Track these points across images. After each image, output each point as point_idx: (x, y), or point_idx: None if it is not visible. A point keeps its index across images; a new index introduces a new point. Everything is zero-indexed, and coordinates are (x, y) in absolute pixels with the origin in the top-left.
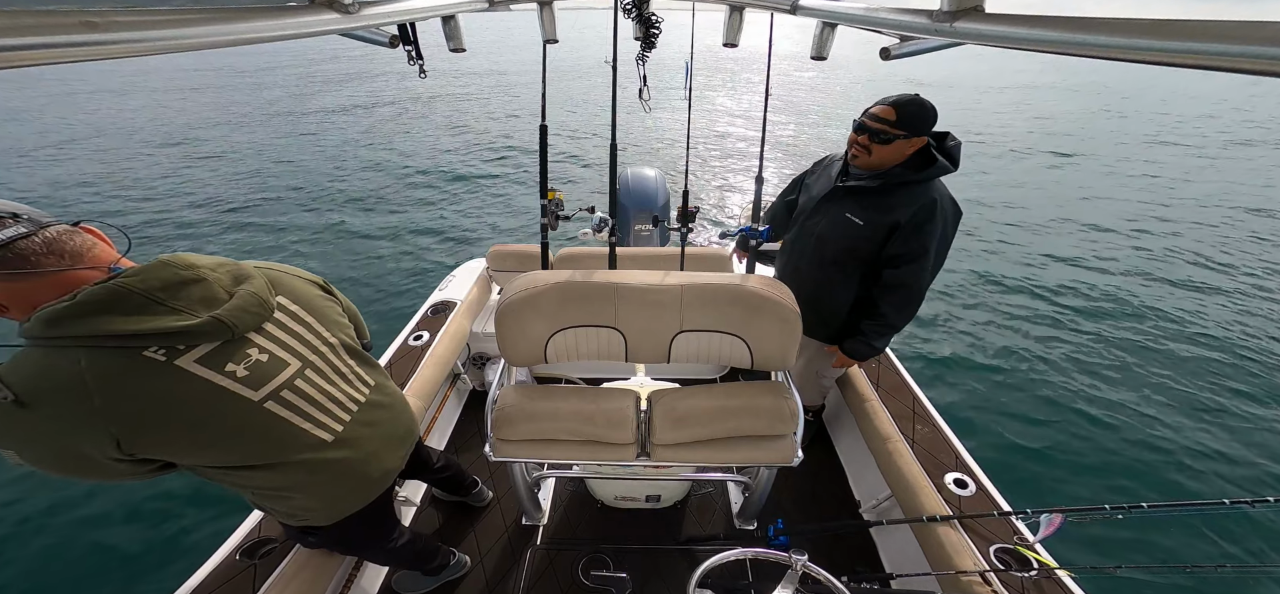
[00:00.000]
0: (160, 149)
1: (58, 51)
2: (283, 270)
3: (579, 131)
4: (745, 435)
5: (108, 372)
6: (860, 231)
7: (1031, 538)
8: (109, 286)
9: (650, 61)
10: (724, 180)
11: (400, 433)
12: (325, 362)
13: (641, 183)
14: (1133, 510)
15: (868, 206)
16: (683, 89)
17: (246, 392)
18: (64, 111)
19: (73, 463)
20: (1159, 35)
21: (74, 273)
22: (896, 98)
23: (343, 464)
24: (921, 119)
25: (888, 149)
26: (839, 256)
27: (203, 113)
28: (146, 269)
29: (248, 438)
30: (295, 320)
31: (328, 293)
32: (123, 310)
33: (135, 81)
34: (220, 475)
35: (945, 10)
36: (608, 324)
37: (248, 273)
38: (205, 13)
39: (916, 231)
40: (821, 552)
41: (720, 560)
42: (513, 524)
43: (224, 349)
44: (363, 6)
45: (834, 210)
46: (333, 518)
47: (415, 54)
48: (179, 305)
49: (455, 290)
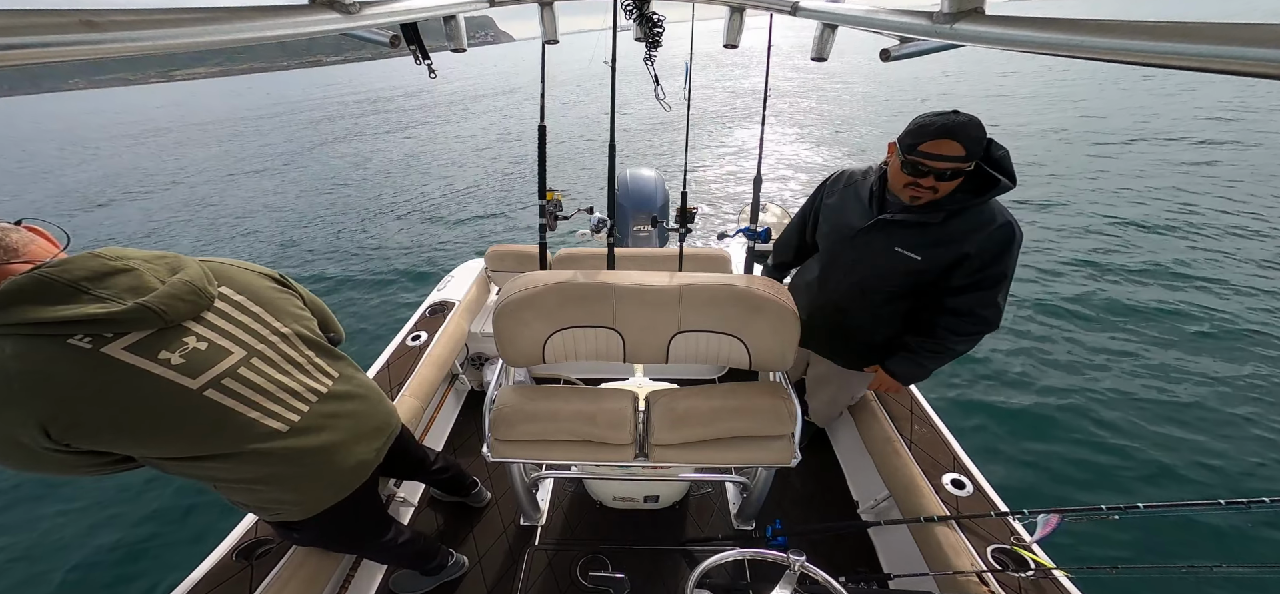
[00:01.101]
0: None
1: (58, 51)
2: (228, 263)
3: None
4: (743, 436)
5: (31, 359)
6: (916, 266)
7: (1028, 538)
8: (32, 276)
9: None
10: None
11: (375, 424)
12: (275, 351)
13: (640, 183)
14: (1129, 511)
15: (924, 238)
16: (682, 89)
17: (182, 379)
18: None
19: (15, 456)
20: (1159, 37)
21: (6, 267)
22: (947, 122)
23: (306, 454)
24: (982, 140)
25: (954, 183)
26: (890, 294)
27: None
28: (73, 259)
29: (191, 427)
30: (240, 310)
31: (283, 285)
32: (45, 299)
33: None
34: (179, 467)
35: (945, 12)
36: (606, 324)
37: (184, 264)
38: (205, 12)
39: (994, 260)
40: (820, 552)
41: (719, 561)
42: (511, 525)
43: (157, 337)
44: (363, 6)
45: (877, 243)
46: (308, 511)
47: (422, 54)
48: (104, 294)
49: (453, 291)
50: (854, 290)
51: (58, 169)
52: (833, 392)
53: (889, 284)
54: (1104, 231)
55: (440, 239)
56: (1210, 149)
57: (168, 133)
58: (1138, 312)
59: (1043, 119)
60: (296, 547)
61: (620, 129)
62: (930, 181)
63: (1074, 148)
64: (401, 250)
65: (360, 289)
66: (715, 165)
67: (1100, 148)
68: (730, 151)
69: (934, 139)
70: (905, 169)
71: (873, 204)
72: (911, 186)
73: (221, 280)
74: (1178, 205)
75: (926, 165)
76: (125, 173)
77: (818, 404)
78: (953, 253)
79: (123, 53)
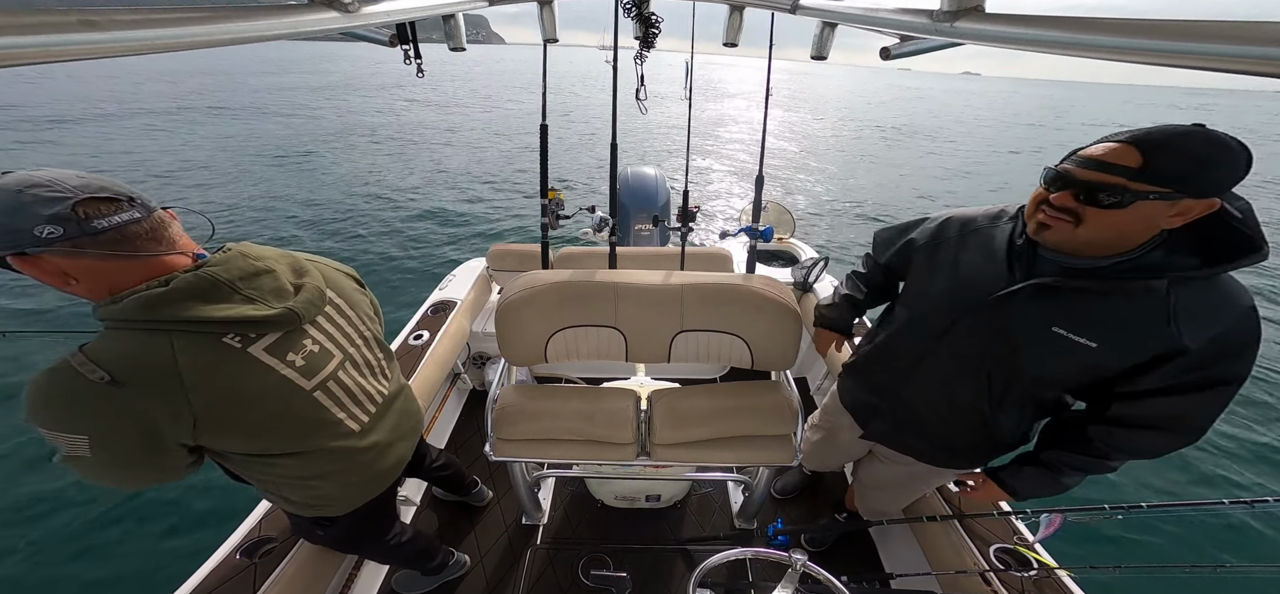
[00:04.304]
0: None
1: (57, 50)
2: (323, 262)
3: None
4: (745, 435)
5: (195, 355)
6: (1088, 359)
7: (1031, 538)
8: (201, 275)
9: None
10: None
11: (412, 423)
12: (360, 354)
13: (642, 182)
14: (1132, 510)
15: (1102, 319)
16: (682, 89)
17: (301, 381)
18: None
19: (144, 451)
20: (1158, 35)
21: (166, 258)
22: (1137, 131)
23: (367, 454)
24: (1206, 164)
25: (1123, 218)
26: (1036, 391)
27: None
28: (228, 259)
29: (296, 426)
30: (340, 314)
31: (361, 286)
32: (212, 298)
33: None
34: (248, 464)
35: (945, 10)
36: (608, 324)
37: (305, 266)
38: (205, 12)
39: (1233, 357)
40: (821, 551)
41: (720, 560)
42: (513, 524)
43: (286, 339)
44: (362, 5)
45: (1021, 319)
46: (349, 507)
47: (414, 53)
48: (254, 295)
49: (455, 290)
50: (974, 384)
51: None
52: (899, 493)
53: (1037, 381)
54: None
55: (441, 238)
56: None
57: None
58: None
59: None
60: (302, 543)
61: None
62: (1069, 199)
63: None
64: (402, 250)
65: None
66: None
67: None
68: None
69: (1099, 144)
70: (1042, 180)
71: (1015, 263)
72: (1044, 207)
73: (329, 284)
74: None
75: (1072, 174)
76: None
77: (873, 503)
78: (1156, 345)
79: (122, 52)
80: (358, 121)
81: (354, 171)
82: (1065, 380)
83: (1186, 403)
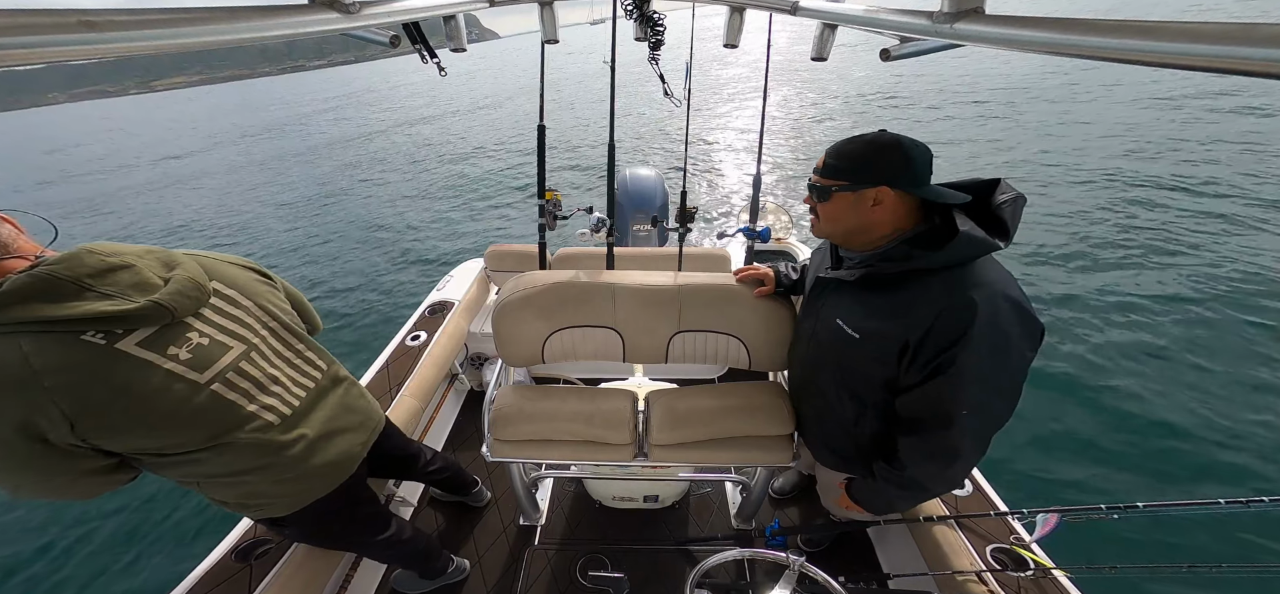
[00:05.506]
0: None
1: (57, 51)
2: (214, 257)
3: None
4: (743, 436)
5: (51, 355)
6: (857, 348)
7: (1028, 538)
8: (36, 274)
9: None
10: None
11: (359, 418)
12: (267, 344)
13: (640, 183)
14: (1128, 510)
15: (868, 309)
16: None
17: (192, 374)
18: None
19: (34, 456)
20: (1158, 37)
21: (3, 263)
22: (835, 143)
23: (292, 447)
24: (864, 160)
25: (833, 209)
26: (836, 379)
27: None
28: (72, 256)
29: (199, 420)
30: (233, 305)
31: (266, 278)
32: (55, 297)
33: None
34: (173, 466)
35: (945, 11)
36: (606, 324)
37: (178, 259)
38: (205, 12)
39: (950, 345)
40: (819, 552)
41: (718, 561)
42: (511, 524)
43: (164, 333)
44: (363, 6)
45: (823, 311)
46: (294, 506)
47: (429, 53)
48: (108, 290)
49: (453, 290)
50: (811, 365)
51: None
52: (833, 493)
53: (833, 367)
54: (1105, 219)
55: (439, 239)
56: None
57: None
58: (1139, 306)
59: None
60: (296, 546)
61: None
62: (808, 199)
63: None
64: (400, 250)
65: (359, 289)
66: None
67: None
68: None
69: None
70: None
71: (830, 255)
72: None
73: (213, 275)
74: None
75: (810, 180)
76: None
77: (826, 500)
78: (899, 335)
79: (122, 53)
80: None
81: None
82: (871, 377)
83: (926, 406)
